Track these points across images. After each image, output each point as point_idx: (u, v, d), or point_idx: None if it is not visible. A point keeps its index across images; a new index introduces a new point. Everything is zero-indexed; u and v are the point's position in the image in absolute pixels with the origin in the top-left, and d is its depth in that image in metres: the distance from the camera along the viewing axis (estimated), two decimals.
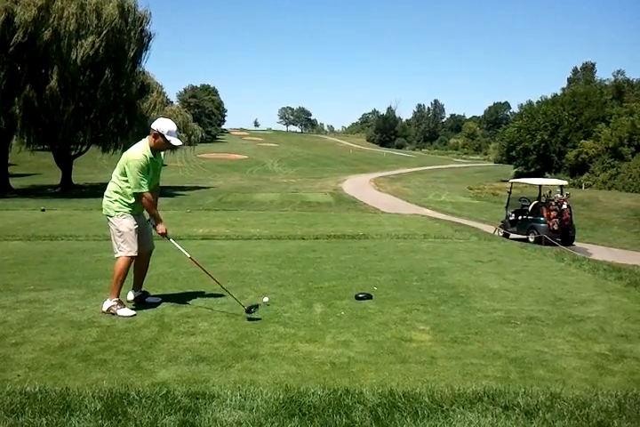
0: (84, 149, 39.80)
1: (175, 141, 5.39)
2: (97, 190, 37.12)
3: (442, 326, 5.03)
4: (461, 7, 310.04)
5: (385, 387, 3.57)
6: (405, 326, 5.04)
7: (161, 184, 5.92)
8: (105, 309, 5.28)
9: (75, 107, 32.11)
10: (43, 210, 17.16)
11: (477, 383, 3.69)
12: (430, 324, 5.10)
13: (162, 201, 5.86)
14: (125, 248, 5.38)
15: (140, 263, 5.65)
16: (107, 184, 5.52)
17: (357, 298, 5.95)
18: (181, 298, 5.85)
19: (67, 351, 4.22)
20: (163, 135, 5.32)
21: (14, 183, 37.22)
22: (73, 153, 39.69)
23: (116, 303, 5.29)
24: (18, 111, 30.28)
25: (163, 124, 5.36)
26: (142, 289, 5.80)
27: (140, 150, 5.32)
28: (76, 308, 5.46)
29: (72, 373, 3.80)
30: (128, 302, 5.59)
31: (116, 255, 5.43)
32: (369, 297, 5.99)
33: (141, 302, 5.66)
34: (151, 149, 5.36)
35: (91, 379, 3.68)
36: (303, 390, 3.47)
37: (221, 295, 5.95)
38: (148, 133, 5.45)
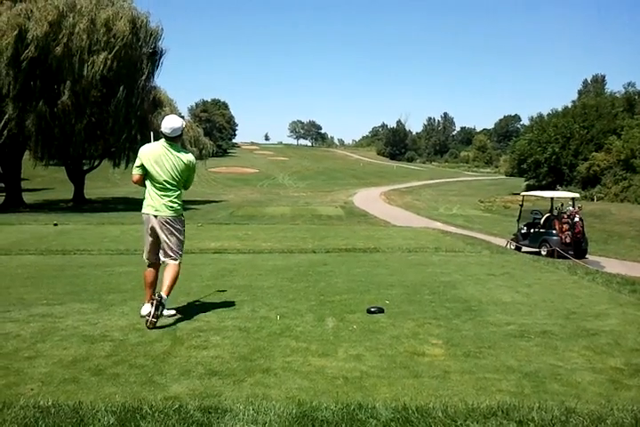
0: (96, 163, 40.13)
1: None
2: (109, 205, 37.60)
3: (455, 340, 4.99)
4: (471, 20, 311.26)
5: (398, 401, 3.55)
6: (418, 340, 5.01)
7: None
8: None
9: (87, 122, 32.43)
10: (55, 224, 17.26)
11: (491, 398, 3.66)
12: (443, 338, 5.07)
13: None
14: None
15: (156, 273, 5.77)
16: (119, 198, 5.65)
17: (369, 312, 5.92)
18: (193, 312, 5.85)
19: (79, 365, 4.22)
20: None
21: (27, 198, 37.50)
22: (85, 168, 40.03)
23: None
24: (31, 126, 30.59)
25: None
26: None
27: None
28: (88, 322, 5.47)
29: (85, 387, 3.80)
30: (142, 317, 5.58)
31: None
32: (381, 311, 5.96)
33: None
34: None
35: (103, 393, 3.68)
36: (316, 404, 3.45)
37: (233, 309, 5.97)
38: None
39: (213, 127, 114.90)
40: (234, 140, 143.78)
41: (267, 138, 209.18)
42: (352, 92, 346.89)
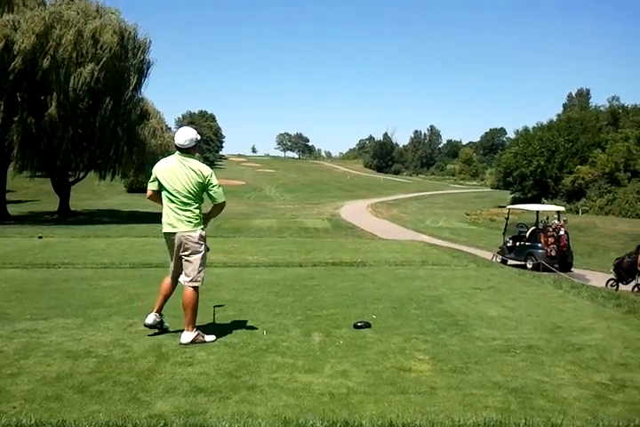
0: (81, 175, 39.92)
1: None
2: (95, 217, 37.36)
3: (441, 356, 4.99)
4: (457, 34, 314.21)
5: (384, 418, 3.54)
6: (404, 355, 5.00)
7: (158, 210, 5.89)
8: (189, 340, 5.25)
9: (73, 133, 32.30)
10: (40, 237, 17.07)
11: (477, 414, 3.66)
12: (429, 353, 5.07)
13: (159, 227, 5.81)
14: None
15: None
16: (104, 210, 5.57)
17: (356, 327, 5.91)
18: (179, 327, 5.80)
19: (63, 382, 4.18)
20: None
21: (12, 210, 37.21)
22: (71, 179, 39.80)
23: (199, 332, 5.35)
24: (16, 137, 30.42)
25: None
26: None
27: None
28: (72, 337, 5.41)
29: (68, 404, 3.76)
30: (144, 325, 5.51)
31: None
32: (367, 326, 5.95)
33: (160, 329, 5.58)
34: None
35: (87, 411, 3.64)
36: (302, 422, 3.43)
37: (219, 325, 5.93)
38: (148, 160, 5.56)
39: (200, 139, 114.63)
40: (221, 152, 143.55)
41: (254, 150, 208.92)
42: (339, 104, 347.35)
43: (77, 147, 33.99)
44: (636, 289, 14.69)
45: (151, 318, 5.53)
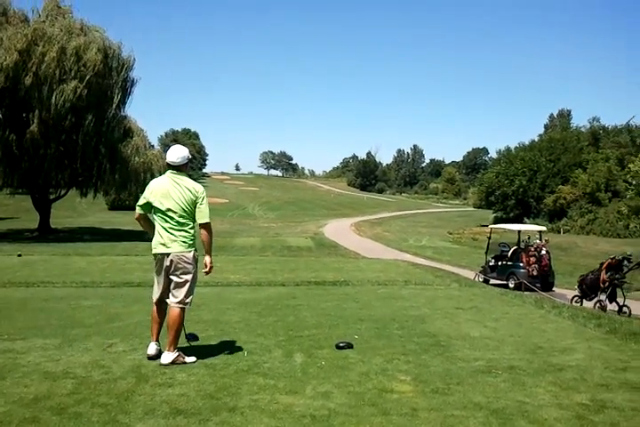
0: (62, 192, 39.61)
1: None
2: (75, 235, 37.02)
3: (423, 377, 4.98)
4: (440, 54, 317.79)
5: None
6: (386, 376, 4.98)
7: (139, 228, 5.89)
8: (170, 361, 5.16)
9: (55, 151, 32.13)
10: (19, 255, 16.92)
11: None
12: (411, 374, 5.06)
13: (141, 245, 5.79)
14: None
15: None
16: (85, 228, 5.52)
17: (338, 347, 5.89)
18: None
19: (40, 404, 4.11)
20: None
21: None
22: (52, 197, 39.46)
23: (180, 353, 5.28)
24: None
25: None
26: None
27: None
28: (50, 358, 5.33)
29: None
30: (148, 357, 5.35)
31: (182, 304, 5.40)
32: (350, 346, 5.93)
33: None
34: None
35: None
36: None
37: (200, 346, 5.88)
38: (130, 177, 5.56)
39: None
40: (204, 170, 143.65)
41: (237, 168, 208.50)
42: (323, 123, 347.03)
43: (59, 164, 33.79)
44: (597, 305, 14.85)
45: (153, 348, 5.40)
